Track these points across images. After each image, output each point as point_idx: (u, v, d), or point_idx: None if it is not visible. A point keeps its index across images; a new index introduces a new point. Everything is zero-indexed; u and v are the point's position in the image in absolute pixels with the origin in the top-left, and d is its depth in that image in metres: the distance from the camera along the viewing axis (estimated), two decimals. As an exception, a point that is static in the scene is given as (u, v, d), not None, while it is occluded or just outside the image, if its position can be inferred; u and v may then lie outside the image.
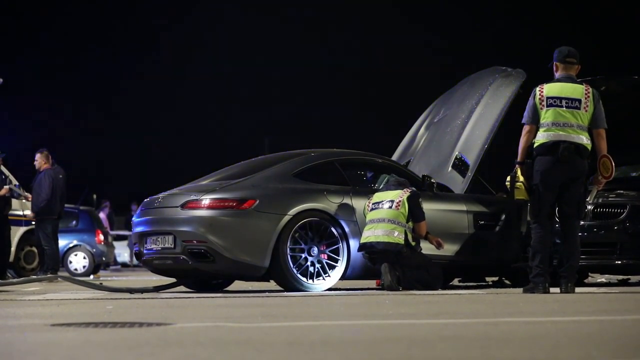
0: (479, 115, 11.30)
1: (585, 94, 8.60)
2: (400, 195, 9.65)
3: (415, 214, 9.63)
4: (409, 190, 9.74)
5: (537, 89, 8.66)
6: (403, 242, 9.50)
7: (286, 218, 9.43)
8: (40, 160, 15.33)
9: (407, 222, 9.58)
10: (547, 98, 8.56)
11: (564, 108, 8.53)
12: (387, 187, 9.91)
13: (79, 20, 38.67)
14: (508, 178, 8.77)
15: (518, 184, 8.68)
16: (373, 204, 9.71)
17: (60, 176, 15.26)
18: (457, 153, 11.17)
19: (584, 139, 8.56)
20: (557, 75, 8.76)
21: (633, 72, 11.70)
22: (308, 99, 39.62)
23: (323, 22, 38.26)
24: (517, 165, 8.70)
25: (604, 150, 8.71)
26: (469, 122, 11.33)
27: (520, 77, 11.37)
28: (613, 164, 8.74)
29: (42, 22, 38.00)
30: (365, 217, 9.73)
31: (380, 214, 9.57)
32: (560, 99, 8.55)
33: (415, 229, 9.67)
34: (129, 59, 39.18)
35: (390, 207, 9.56)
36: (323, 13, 38.33)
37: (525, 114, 8.69)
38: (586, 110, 8.56)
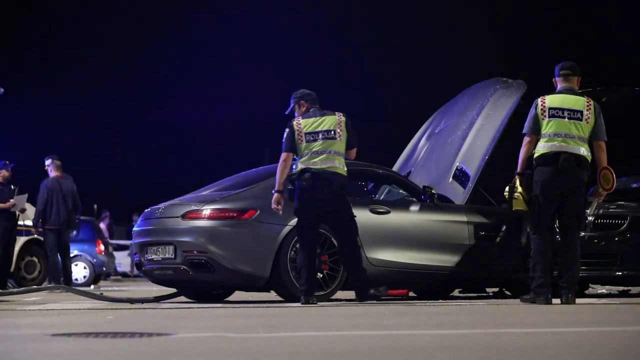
0: (479, 126, 11.31)
1: (587, 106, 8.62)
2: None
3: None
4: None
5: (539, 99, 8.70)
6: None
7: (287, 229, 9.42)
8: (48, 169, 15.38)
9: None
10: (550, 109, 8.58)
11: (566, 119, 8.55)
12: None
13: (80, 28, 38.76)
14: (507, 188, 8.79)
15: (516, 194, 8.70)
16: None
17: (61, 186, 15.16)
18: (457, 164, 11.18)
19: (584, 151, 8.57)
20: (557, 89, 8.80)
21: (634, 83, 11.72)
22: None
23: (324, 28, 38.34)
24: (516, 176, 8.72)
25: (604, 162, 8.72)
26: (470, 133, 11.34)
27: (521, 88, 11.39)
28: (614, 176, 8.75)
29: (45, 28, 38.11)
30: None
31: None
32: (563, 110, 8.57)
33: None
34: (129, 65, 39.26)
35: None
36: (325, 19, 38.42)
37: (526, 124, 8.72)
38: (587, 122, 8.58)
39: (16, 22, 36.47)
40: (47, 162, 15.58)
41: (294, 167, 9.08)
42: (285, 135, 9.09)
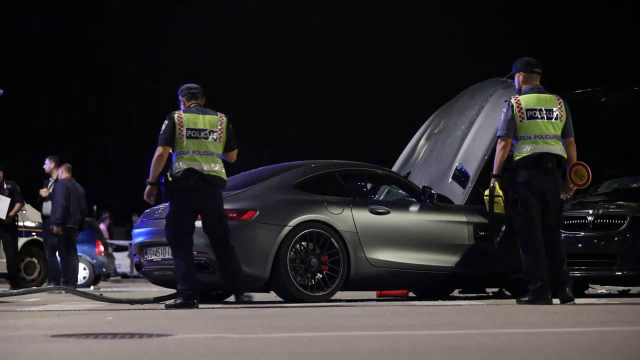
0: (479, 127, 11.30)
1: (558, 103, 8.62)
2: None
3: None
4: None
5: (513, 101, 8.61)
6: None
7: (287, 229, 9.42)
8: (58, 172, 15.44)
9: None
10: (527, 110, 8.54)
11: (545, 119, 8.54)
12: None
13: (76, 28, 38.78)
14: (486, 192, 8.74)
15: (497, 198, 8.66)
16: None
17: (75, 187, 15.26)
18: (457, 164, 11.17)
19: (561, 150, 8.58)
20: (523, 86, 8.72)
21: (633, 83, 11.72)
22: (308, 110, 39.70)
23: (324, 32, 38.38)
24: (494, 179, 8.67)
25: (575, 158, 8.71)
26: (469, 133, 11.33)
27: (521, 88, 11.37)
28: (589, 171, 8.70)
29: (45, 32, 38.13)
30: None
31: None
32: (540, 110, 8.56)
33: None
34: (129, 66, 39.29)
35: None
36: (326, 23, 38.44)
37: (502, 126, 8.63)
38: (561, 120, 8.59)
39: (16, 21, 36.49)
40: (47, 161, 15.63)
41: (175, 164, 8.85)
42: (163, 128, 8.86)
